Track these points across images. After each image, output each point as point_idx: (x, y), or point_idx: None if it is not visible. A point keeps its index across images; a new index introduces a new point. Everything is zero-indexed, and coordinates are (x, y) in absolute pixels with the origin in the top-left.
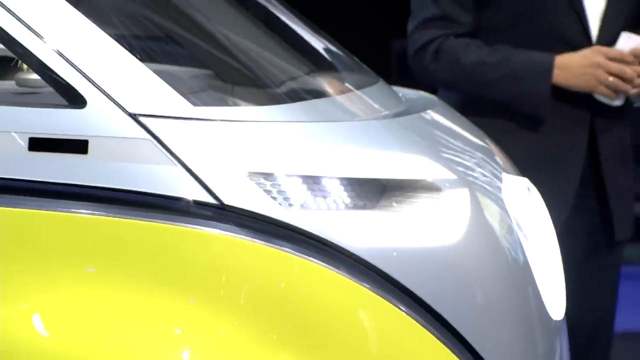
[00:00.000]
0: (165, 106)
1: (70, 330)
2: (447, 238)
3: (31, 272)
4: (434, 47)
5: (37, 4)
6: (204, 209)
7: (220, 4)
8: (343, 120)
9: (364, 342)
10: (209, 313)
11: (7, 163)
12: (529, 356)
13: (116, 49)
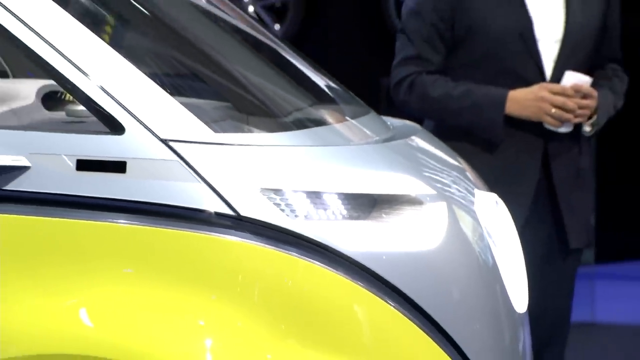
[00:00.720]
0: (191, 133)
1: (110, 321)
2: (428, 244)
3: (79, 272)
4: (409, 81)
5: (84, 47)
6: (224, 219)
7: (236, 46)
8: (340, 144)
9: (357, 331)
10: (228, 307)
11: (58, 181)
12: (497, 343)
13: (150, 85)
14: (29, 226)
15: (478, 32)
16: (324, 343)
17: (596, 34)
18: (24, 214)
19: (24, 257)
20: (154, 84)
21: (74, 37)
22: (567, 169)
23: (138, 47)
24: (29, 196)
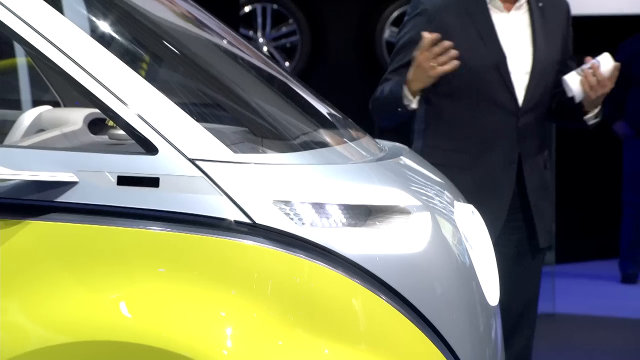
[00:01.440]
0: (214, 153)
1: (146, 312)
2: (414, 247)
3: (119, 271)
4: (373, 97)
5: (124, 80)
6: (241, 226)
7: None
8: (340, 163)
9: (354, 321)
10: (245, 301)
11: (101, 194)
12: (473, 331)
13: (179, 113)
14: (77, 232)
15: (460, 66)
16: (326, 331)
17: (557, 65)
18: (73, 222)
19: (73, 259)
20: (183, 112)
21: (116, 72)
22: (537, 181)
23: (169, 80)
24: (76, 207)
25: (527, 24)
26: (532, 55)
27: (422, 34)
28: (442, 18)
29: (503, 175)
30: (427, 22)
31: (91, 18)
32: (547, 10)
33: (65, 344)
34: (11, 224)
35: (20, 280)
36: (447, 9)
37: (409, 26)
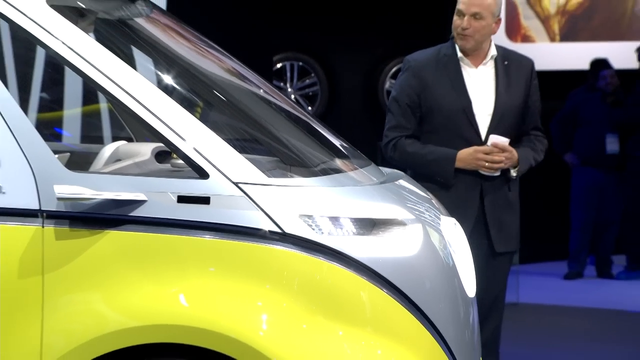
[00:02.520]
0: (252, 177)
1: (199, 302)
2: (410, 251)
3: (178, 270)
4: (393, 143)
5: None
6: (274, 235)
7: (282, 119)
8: (351, 185)
9: (362, 309)
10: (277, 293)
11: (165, 209)
12: (455, 317)
13: (225, 146)
14: (145, 240)
15: (435, 110)
16: (340, 317)
17: (517, 110)
18: (142, 231)
19: (142, 260)
20: (228, 145)
21: (176, 115)
22: (496, 200)
23: (218, 121)
24: (145, 220)
25: (492, 77)
26: (494, 101)
27: (489, 143)
28: (423, 73)
29: (469, 195)
30: (413, 76)
31: (158, 73)
32: (512, 67)
33: (136, 327)
34: (94, 233)
35: (101, 277)
36: (427, 66)
37: (400, 80)
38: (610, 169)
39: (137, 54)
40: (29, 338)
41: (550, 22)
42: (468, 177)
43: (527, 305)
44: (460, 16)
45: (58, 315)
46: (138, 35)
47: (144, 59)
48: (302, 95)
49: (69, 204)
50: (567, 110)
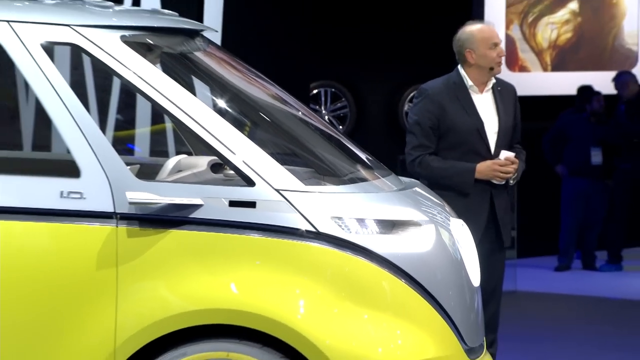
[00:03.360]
0: (291, 185)
1: (247, 290)
2: (424, 247)
3: (229, 262)
4: (418, 160)
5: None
6: (310, 234)
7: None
8: (375, 192)
9: (383, 296)
10: (312, 283)
11: (219, 212)
12: (462, 302)
13: (269, 159)
14: (202, 237)
15: (452, 130)
16: (365, 303)
17: (511, 128)
18: (200, 230)
19: (199, 254)
20: (272, 158)
21: (228, 133)
22: (501, 204)
23: (263, 138)
24: (202, 221)
25: (492, 101)
26: (498, 122)
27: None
28: (439, 99)
29: (482, 201)
30: (431, 102)
31: (213, 98)
32: (503, 92)
33: (194, 310)
34: (160, 232)
35: (165, 269)
36: (442, 93)
37: (419, 106)
38: (594, 178)
39: (196, 82)
40: (105, 320)
41: (543, 54)
42: (480, 186)
43: (524, 293)
44: (495, 48)
45: (129, 301)
46: (197, 67)
47: (202, 86)
48: (334, 116)
49: (139, 208)
50: (557, 129)
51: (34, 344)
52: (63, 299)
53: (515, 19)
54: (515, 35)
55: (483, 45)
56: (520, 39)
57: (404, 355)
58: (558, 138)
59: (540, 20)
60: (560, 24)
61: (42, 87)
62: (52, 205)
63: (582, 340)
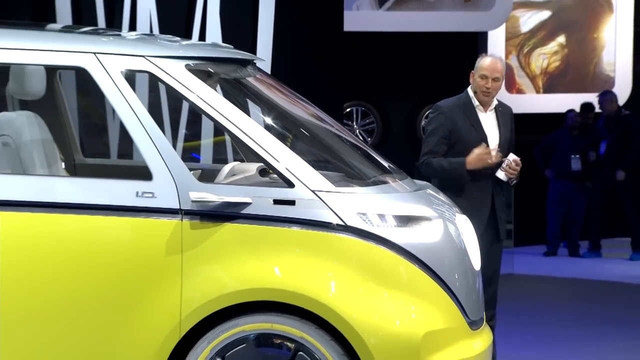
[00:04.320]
0: (324, 187)
1: (288, 272)
2: (434, 238)
3: (273, 250)
4: (425, 162)
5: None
6: (339, 227)
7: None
8: (394, 192)
9: (400, 278)
10: (341, 267)
11: (265, 209)
12: (466, 284)
13: (307, 166)
14: (251, 230)
15: (461, 142)
16: (385, 284)
17: (508, 141)
18: (249, 224)
19: (249, 243)
20: (308, 165)
21: (274, 145)
22: (500, 202)
23: (302, 149)
24: (251, 216)
25: (494, 119)
26: (498, 136)
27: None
28: (452, 116)
29: (484, 198)
30: (445, 118)
31: (261, 116)
32: (503, 112)
33: (245, 289)
34: (217, 225)
35: (222, 255)
36: (453, 111)
37: (434, 120)
38: (574, 181)
39: (248, 103)
40: (172, 297)
41: (536, 79)
42: (484, 188)
43: (519, 275)
44: (484, 79)
45: (192, 281)
46: (248, 90)
47: (252, 106)
48: (364, 130)
49: (200, 205)
50: (546, 141)
51: (115, 315)
52: (138, 279)
53: (513, 50)
54: (513, 64)
55: (478, 73)
56: (517, 67)
57: (417, 327)
58: (547, 148)
59: (534, 51)
60: (550, 54)
61: (122, 107)
62: (130, 203)
63: (566, 314)
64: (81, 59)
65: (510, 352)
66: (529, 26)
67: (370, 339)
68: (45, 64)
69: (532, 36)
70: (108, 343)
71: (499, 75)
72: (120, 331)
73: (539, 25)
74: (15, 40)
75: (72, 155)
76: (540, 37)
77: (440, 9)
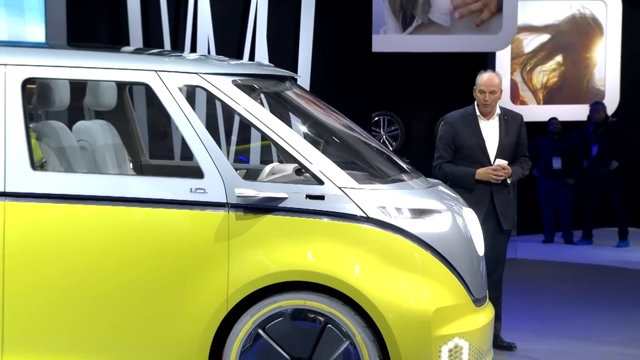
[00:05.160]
0: (349, 184)
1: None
2: (444, 228)
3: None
4: (438, 166)
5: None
6: (362, 218)
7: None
8: (410, 189)
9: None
10: (364, 252)
11: (299, 203)
12: (471, 267)
13: (334, 166)
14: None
15: (463, 146)
16: (402, 267)
17: (512, 146)
18: (285, 215)
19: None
20: (336, 165)
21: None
22: (500, 198)
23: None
24: (287, 208)
25: (497, 127)
26: (498, 141)
27: (495, 164)
28: (455, 125)
29: (483, 196)
30: (450, 127)
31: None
32: (509, 120)
33: (282, 271)
34: (258, 216)
35: (262, 241)
36: (458, 121)
37: (441, 130)
38: (557, 178)
39: (286, 113)
40: (220, 277)
41: (537, 92)
42: (482, 185)
43: (521, 260)
44: (482, 93)
45: (238, 263)
46: (286, 102)
47: (290, 116)
48: (389, 137)
49: (244, 199)
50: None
51: (174, 293)
52: (193, 262)
53: (517, 68)
54: (517, 79)
55: (477, 88)
56: (521, 82)
57: (428, 303)
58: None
59: (535, 69)
60: (549, 71)
61: (178, 116)
62: (185, 198)
63: (561, 292)
64: (145, 76)
65: (513, 325)
66: (531, 47)
67: (389, 314)
68: (115, 80)
69: (533, 56)
70: (168, 316)
71: (495, 89)
72: (178, 306)
73: (539, 46)
74: (91, 61)
75: (139, 157)
76: (541, 57)
77: (455, 33)
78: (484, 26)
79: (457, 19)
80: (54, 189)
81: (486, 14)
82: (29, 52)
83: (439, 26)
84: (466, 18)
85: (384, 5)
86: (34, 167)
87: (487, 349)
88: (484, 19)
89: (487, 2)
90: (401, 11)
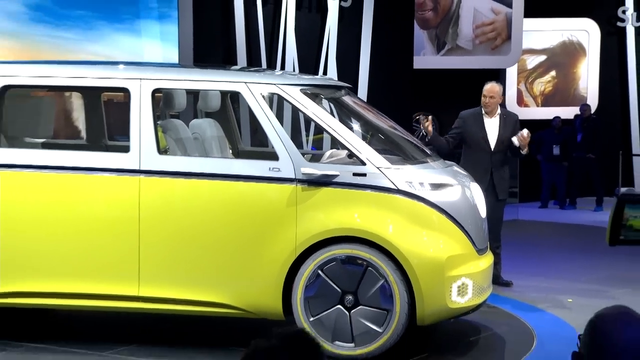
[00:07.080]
0: (385, 164)
1: (364, 218)
2: (455, 197)
3: (353, 205)
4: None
5: (356, 141)
6: (394, 190)
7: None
8: (431, 169)
9: (432, 224)
10: (396, 215)
11: (348, 179)
12: (476, 226)
13: (373, 152)
14: (339, 192)
15: (468, 137)
16: (423, 226)
17: (508, 139)
18: (338, 188)
19: (338, 200)
20: (376, 152)
21: (357, 141)
22: (497, 174)
23: (375, 142)
24: (339, 183)
25: (497, 123)
26: (497, 134)
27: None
28: (466, 120)
29: (485, 172)
30: (462, 121)
31: (351, 123)
32: (507, 119)
33: (337, 228)
34: (318, 189)
35: (322, 206)
36: (468, 118)
37: (455, 122)
38: (555, 162)
39: (341, 114)
40: (290, 231)
41: (537, 98)
42: (484, 166)
43: (522, 221)
44: (484, 97)
45: (304, 222)
46: (341, 105)
47: (344, 116)
48: None
49: (307, 176)
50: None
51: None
52: (271, 221)
53: (522, 80)
54: (522, 88)
55: (483, 94)
56: (525, 90)
57: (442, 252)
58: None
59: (535, 81)
60: (545, 82)
61: (262, 116)
62: (266, 174)
63: (553, 244)
64: (237, 87)
65: (514, 269)
66: (532, 65)
67: (413, 260)
68: (218, 89)
69: (534, 71)
70: (255, 260)
71: (494, 94)
72: (261, 253)
73: (538, 64)
74: (200, 76)
75: (236, 145)
76: (539, 72)
77: (476, 54)
78: (498, 49)
79: (478, 44)
80: (174, 168)
81: (499, 40)
82: (156, 70)
83: (464, 49)
84: (484, 43)
85: (423, 34)
86: (160, 152)
87: (487, 286)
88: (498, 44)
89: (500, 32)
90: (436, 39)
